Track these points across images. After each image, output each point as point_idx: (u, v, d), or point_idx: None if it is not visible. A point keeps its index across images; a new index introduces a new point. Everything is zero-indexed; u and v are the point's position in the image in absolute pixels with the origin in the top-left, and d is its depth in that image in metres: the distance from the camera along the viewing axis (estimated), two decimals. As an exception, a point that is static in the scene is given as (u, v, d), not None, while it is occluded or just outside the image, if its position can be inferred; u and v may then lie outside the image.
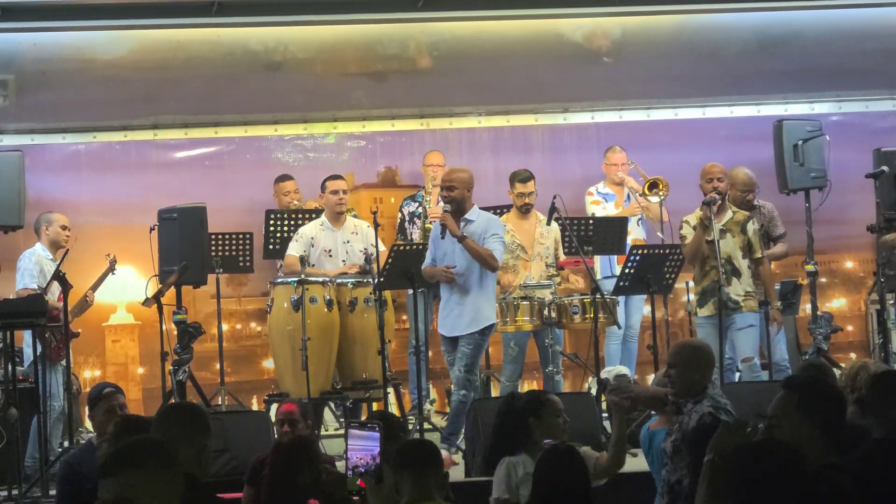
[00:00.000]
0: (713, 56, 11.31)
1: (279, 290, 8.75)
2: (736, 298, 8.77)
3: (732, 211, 8.96)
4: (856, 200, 10.56)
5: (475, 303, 8.31)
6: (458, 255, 8.30)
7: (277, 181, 10.39)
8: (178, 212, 8.70)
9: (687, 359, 5.59)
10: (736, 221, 8.92)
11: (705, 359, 5.64)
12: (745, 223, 8.93)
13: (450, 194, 8.36)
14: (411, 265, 8.42)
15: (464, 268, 8.27)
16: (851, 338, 11.55)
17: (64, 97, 10.82)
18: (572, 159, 11.51)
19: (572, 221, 9.37)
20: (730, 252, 8.83)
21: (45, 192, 10.61)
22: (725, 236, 8.82)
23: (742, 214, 8.97)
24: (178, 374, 8.40)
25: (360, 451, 3.87)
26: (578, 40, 11.28)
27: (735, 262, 8.85)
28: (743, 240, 8.89)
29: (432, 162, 10.26)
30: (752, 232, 8.93)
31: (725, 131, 11.67)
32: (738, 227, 8.90)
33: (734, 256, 8.85)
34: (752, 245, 8.92)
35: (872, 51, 11.27)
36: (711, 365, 5.66)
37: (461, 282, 8.28)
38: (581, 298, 8.92)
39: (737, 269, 8.84)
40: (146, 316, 9.74)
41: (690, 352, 5.66)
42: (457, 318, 8.31)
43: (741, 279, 8.83)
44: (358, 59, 11.24)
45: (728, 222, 8.89)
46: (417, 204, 10.11)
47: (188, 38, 10.81)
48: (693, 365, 5.56)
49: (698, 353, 5.66)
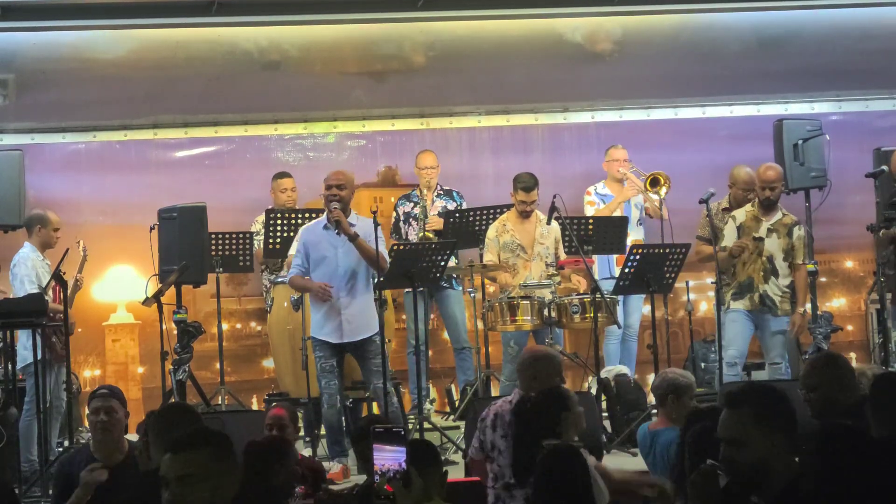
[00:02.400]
0: (713, 56, 11.30)
1: (279, 289, 8.74)
2: (773, 297, 8.94)
3: (782, 213, 9.11)
4: (856, 200, 10.56)
5: (367, 307, 8.24)
6: (342, 258, 8.20)
7: (275, 178, 10.37)
8: (178, 211, 8.70)
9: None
10: (784, 224, 9.10)
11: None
12: (792, 227, 9.09)
13: (340, 193, 8.23)
14: (411, 265, 8.40)
15: (348, 270, 8.19)
16: (851, 337, 11.56)
17: (64, 97, 10.81)
18: (572, 159, 11.52)
19: (572, 221, 9.37)
20: (773, 251, 9.00)
21: (45, 192, 10.61)
22: (772, 235, 9.02)
23: (790, 218, 9.16)
24: (178, 373, 8.40)
25: (387, 456, 3.88)
26: (578, 40, 11.28)
27: (776, 262, 9.02)
28: (787, 243, 9.01)
29: (426, 164, 10.19)
30: (796, 237, 9.07)
31: (725, 131, 11.68)
32: (785, 230, 9.05)
33: (776, 256, 9.03)
34: (795, 250, 9.04)
35: (872, 51, 11.27)
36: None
37: (347, 286, 8.16)
38: (581, 298, 8.92)
39: (776, 269, 9.03)
40: (146, 315, 9.74)
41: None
42: (346, 325, 8.15)
43: (779, 279, 9.00)
44: (357, 59, 11.23)
45: (776, 223, 9.03)
46: (413, 204, 10.09)
47: (188, 37, 10.79)
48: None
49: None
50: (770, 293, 8.97)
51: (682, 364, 9.69)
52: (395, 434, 3.90)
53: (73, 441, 8.47)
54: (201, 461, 3.66)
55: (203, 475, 3.64)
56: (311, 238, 8.26)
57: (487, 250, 9.30)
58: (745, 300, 8.99)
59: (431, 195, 10.14)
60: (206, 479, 3.64)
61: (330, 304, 8.08)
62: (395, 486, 3.85)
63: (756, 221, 9.05)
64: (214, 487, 3.66)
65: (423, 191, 10.14)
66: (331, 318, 8.11)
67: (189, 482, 3.63)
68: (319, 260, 8.20)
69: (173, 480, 3.65)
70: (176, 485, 3.64)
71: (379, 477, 3.89)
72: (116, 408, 5.71)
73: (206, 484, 3.64)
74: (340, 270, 8.19)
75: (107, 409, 5.69)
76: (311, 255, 8.22)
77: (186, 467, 3.64)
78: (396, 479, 3.85)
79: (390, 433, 3.92)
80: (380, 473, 3.89)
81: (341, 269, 8.20)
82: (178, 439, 3.74)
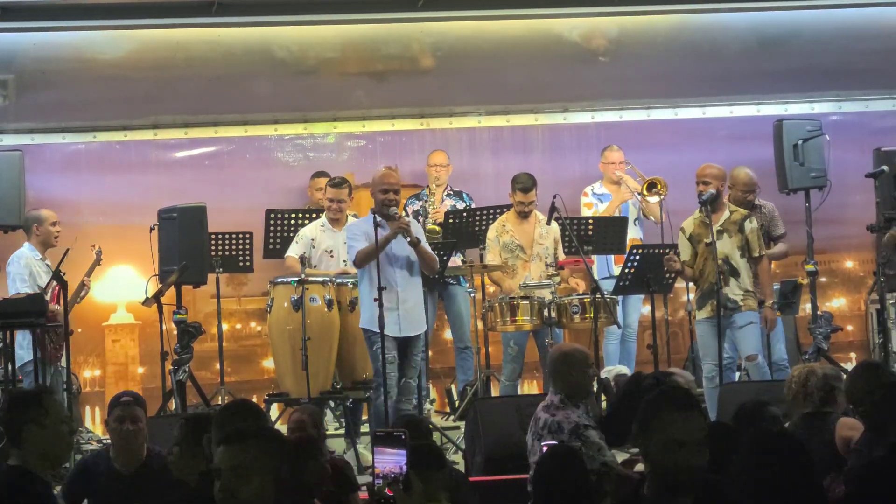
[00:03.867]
0: (713, 56, 11.30)
1: (279, 289, 8.75)
2: (734, 298, 8.66)
3: (730, 210, 8.87)
4: (856, 200, 10.56)
5: (420, 303, 8.35)
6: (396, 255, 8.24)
7: (313, 176, 10.44)
8: (178, 211, 8.70)
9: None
10: (733, 221, 8.83)
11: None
12: (743, 222, 8.82)
13: (396, 197, 8.34)
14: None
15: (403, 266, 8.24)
16: (851, 337, 11.56)
17: (64, 97, 10.82)
18: (572, 159, 11.52)
19: (572, 221, 9.37)
20: (727, 252, 8.71)
21: (45, 192, 10.61)
22: (723, 236, 8.74)
23: (739, 213, 8.86)
24: (178, 373, 8.41)
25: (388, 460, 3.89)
26: (578, 40, 11.28)
27: (733, 262, 8.72)
28: (740, 239, 8.79)
29: (436, 162, 10.27)
30: (749, 230, 8.81)
31: (725, 131, 11.68)
32: (736, 227, 8.81)
33: (731, 256, 8.73)
34: (749, 244, 8.84)
35: (872, 51, 11.27)
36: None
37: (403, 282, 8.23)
38: (581, 298, 8.92)
39: (735, 269, 8.72)
40: (146, 316, 9.74)
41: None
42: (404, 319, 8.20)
43: (739, 279, 8.71)
44: (358, 59, 11.24)
45: (725, 222, 8.81)
46: (422, 202, 10.12)
47: (188, 38, 10.80)
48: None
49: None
50: (731, 295, 8.64)
51: (681, 364, 9.70)
52: (396, 438, 3.90)
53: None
54: (253, 453, 3.70)
55: (255, 468, 3.68)
56: (368, 231, 8.22)
57: (489, 251, 9.30)
58: (708, 307, 8.69)
59: (441, 193, 10.16)
60: (257, 472, 3.68)
61: (388, 299, 8.11)
62: (396, 490, 3.86)
63: (704, 227, 8.73)
64: (264, 481, 3.69)
65: (431, 188, 10.15)
66: (389, 312, 8.12)
67: (241, 473, 3.67)
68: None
69: (226, 471, 3.69)
70: (228, 475, 3.68)
71: (381, 481, 3.90)
72: (140, 416, 5.71)
73: (257, 476, 3.68)
74: (395, 267, 8.22)
75: (132, 418, 5.69)
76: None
77: (239, 458, 3.69)
78: (397, 482, 3.86)
79: (391, 437, 3.92)
80: (381, 477, 3.90)
81: (396, 265, 8.23)
82: (231, 432, 3.80)
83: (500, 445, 7.51)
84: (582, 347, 6.66)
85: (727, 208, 8.86)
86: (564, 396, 6.24)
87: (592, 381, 6.42)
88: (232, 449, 3.71)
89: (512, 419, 7.63)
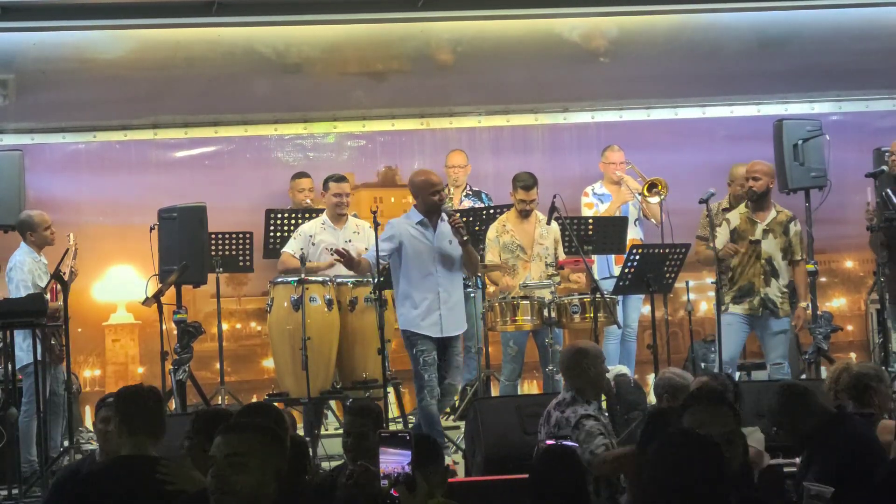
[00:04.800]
0: (713, 56, 11.30)
1: (279, 289, 8.75)
2: (774, 300, 8.85)
3: (777, 211, 8.98)
4: (856, 200, 10.55)
5: (461, 303, 8.36)
6: (438, 254, 8.22)
7: (294, 177, 10.44)
8: (178, 211, 8.70)
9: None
10: (779, 222, 8.95)
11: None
12: (788, 224, 8.96)
13: (445, 195, 8.40)
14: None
15: (445, 266, 8.22)
16: (851, 337, 11.56)
17: (64, 97, 10.82)
18: (572, 159, 11.52)
19: (572, 221, 9.37)
20: (771, 252, 8.88)
21: (45, 192, 10.62)
22: (768, 236, 8.87)
23: (785, 215, 8.99)
24: (178, 373, 8.41)
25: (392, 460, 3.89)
26: (578, 40, 11.28)
27: (775, 263, 8.90)
28: (784, 241, 8.91)
29: (454, 163, 10.30)
30: (793, 233, 8.97)
31: (725, 131, 11.68)
32: (781, 228, 8.94)
33: (774, 257, 8.90)
34: (792, 246, 8.96)
35: (872, 51, 11.27)
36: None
37: (445, 282, 8.22)
38: (581, 298, 8.92)
39: (776, 270, 8.90)
40: (146, 315, 9.74)
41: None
42: (445, 320, 8.20)
43: (779, 280, 8.89)
44: (358, 59, 11.24)
45: (771, 222, 8.92)
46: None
47: (188, 37, 10.80)
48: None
49: None
50: (771, 296, 8.87)
51: (682, 364, 9.69)
52: (401, 439, 3.90)
53: (73, 441, 8.46)
54: (250, 443, 3.72)
55: (250, 458, 3.70)
56: (408, 232, 8.21)
57: (488, 251, 9.30)
58: (745, 304, 8.86)
59: (459, 194, 10.17)
60: (252, 463, 3.69)
61: (430, 299, 8.13)
62: (400, 491, 3.86)
63: (751, 224, 8.92)
64: (261, 474, 3.70)
65: (450, 189, 10.16)
66: (431, 312, 8.14)
67: (235, 462, 3.69)
68: (415, 255, 8.19)
69: (220, 460, 3.71)
70: (222, 463, 3.70)
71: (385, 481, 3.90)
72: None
73: (252, 467, 3.69)
74: (437, 266, 8.20)
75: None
76: (408, 250, 8.19)
77: (234, 447, 3.71)
78: (401, 482, 3.86)
79: (396, 437, 3.92)
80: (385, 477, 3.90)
81: (437, 264, 8.21)
82: (231, 423, 3.84)
83: (500, 445, 7.51)
84: (595, 344, 6.70)
85: (774, 208, 8.95)
86: (576, 393, 6.26)
87: (607, 379, 6.45)
88: (229, 437, 3.73)
89: (512, 419, 7.64)
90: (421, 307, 8.15)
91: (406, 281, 8.20)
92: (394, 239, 8.19)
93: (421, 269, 8.18)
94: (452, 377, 8.26)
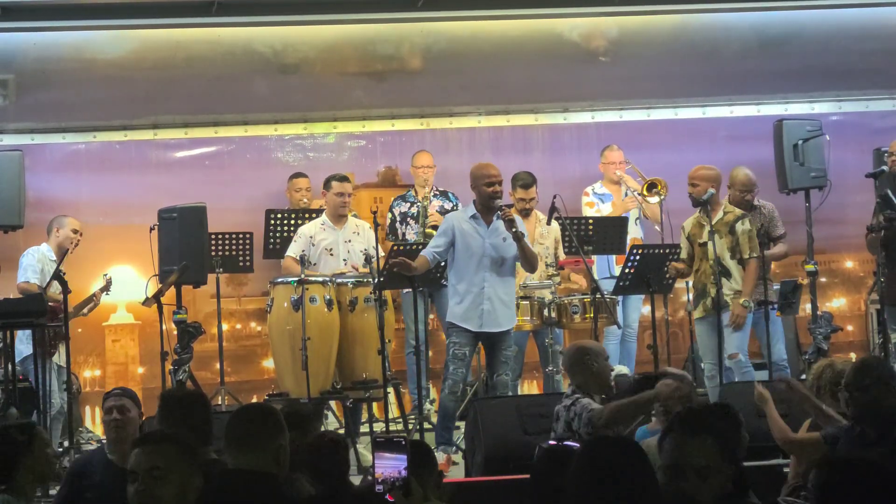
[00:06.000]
0: (713, 56, 11.31)
1: (279, 289, 8.75)
2: (725, 298, 8.76)
3: (724, 212, 8.92)
4: (856, 200, 10.55)
5: (509, 300, 8.33)
6: (489, 249, 8.24)
7: (292, 178, 10.44)
8: (178, 212, 8.70)
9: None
10: (725, 222, 8.89)
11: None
12: (734, 223, 8.89)
13: (501, 188, 8.37)
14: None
15: (495, 261, 8.22)
16: (851, 338, 11.55)
17: (64, 97, 10.82)
18: (572, 159, 11.52)
19: (572, 221, 9.37)
20: (719, 252, 8.79)
21: (45, 192, 10.62)
22: (714, 237, 8.80)
23: (732, 215, 8.91)
24: (178, 373, 8.40)
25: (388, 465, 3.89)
26: (578, 40, 11.28)
27: (724, 263, 8.81)
28: (731, 240, 8.86)
29: (423, 163, 10.22)
30: (740, 232, 8.86)
31: (725, 131, 11.68)
32: (727, 228, 8.88)
33: (723, 257, 8.82)
34: (739, 245, 8.87)
35: (872, 51, 11.28)
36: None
37: (492, 277, 8.21)
38: (581, 298, 8.92)
39: (726, 270, 8.81)
40: (146, 316, 9.74)
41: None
42: (487, 315, 8.19)
43: (731, 279, 8.81)
44: (358, 59, 11.24)
45: (717, 223, 8.87)
46: (409, 204, 10.08)
47: (188, 37, 10.81)
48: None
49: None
50: (722, 296, 8.75)
51: (681, 364, 9.69)
52: (396, 443, 3.90)
53: (72, 441, 8.46)
54: (169, 456, 3.80)
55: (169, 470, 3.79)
56: (461, 226, 8.26)
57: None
58: (700, 307, 8.80)
59: (427, 194, 10.14)
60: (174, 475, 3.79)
61: (474, 293, 8.15)
62: (396, 496, 3.86)
63: (699, 227, 8.85)
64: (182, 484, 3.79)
65: (418, 190, 10.15)
66: (474, 306, 8.17)
67: (158, 475, 3.77)
68: (465, 249, 8.22)
69: (143, 473, 3.78)
70: (145, 477, 3.77)
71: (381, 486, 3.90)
72: (129, 406, 5.80)
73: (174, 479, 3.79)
74: (486, 261, 8.21)
75: (119, 408, 5.77)
76: (458, 243, 8.23)
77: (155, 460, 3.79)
78: (397, 487, 3.86)
79: (391, 442, 3.92)
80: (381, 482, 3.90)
81: (487, 259, 8.21)
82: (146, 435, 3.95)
83: (500, 445, 7.51)
84: (597, 342, 6.75)
85: (721, 209, 8.90)
86: (577, 388, 6.34)
87: (611, 375, 6.49)
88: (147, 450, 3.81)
89: (512, 419, 7.64)
90: (465, 301, 8.20)
91: (455, 274, 8.27)
92: (447, 233, 8.26)
93: (470, 263, 8.22)
94: (501, 371, 8.26)
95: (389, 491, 3.86)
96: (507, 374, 8.26)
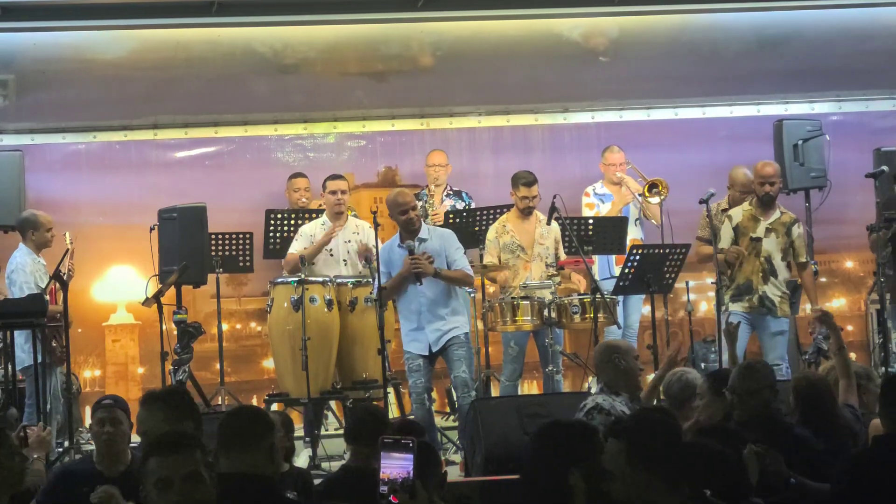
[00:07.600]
0: (713, 56, 11.30)
1: (279, 289, 8.75)
2: (772, 298, 8.84)
3: (780, 211, 8.98)
4: (856, 200, 10.55)
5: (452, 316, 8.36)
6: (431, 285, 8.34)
7: (291, 178, 10.44)
8: (178, 212, 8.70)
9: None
10: (782, 222, 8.95)
11: None
12: (791, 225, 8.95)
13: (416, 213, 8.39)
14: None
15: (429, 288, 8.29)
16: (851, 338, 11.53)
17: (64, 97, 10.82)
18: (572, 159, 11.52)
19: (572, 221, 9.37)
20: (771, 251, 8.87)
21: (45, 192, 10.62)
22: (770, 235, 8.86)
23: (789, 216, 8.99)
24: (178, 373, 8.41)
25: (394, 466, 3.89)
26: (578, 40, 11.28)
27: (774, 262, 8.89)
28: (786, 241, 8.91)
29: (435, 162, 10.27)
30: (796, 235, 8.95)
31: (725, 131, 11.68)
32: (784, 229, 8.93)
33: (773, 256, 8.90)
34: (795, 248, 8.94)
35: (872, 51, 11.27)
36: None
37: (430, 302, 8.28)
38: (581, 298, 8.92)
39: (774, 269, 8.89)
40: (146, 316, 9.74)
41: None
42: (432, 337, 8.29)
43: (777, 279, 8.88)
44: (358, 59, 11.24)
45: (775, 222, 8.91)
46: (421, 203, 10.10)
47: (188, 38, 10.80)
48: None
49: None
50: (769, 294, 8.87)
51: (681, 364, 9.68)
52: (404, 444, 3.90)
53: (72, 441, 8.46)
54: (199, 459, 3.75)
55: (202, 472, 3.73)
56: (390, 257, 8.34)
57: (487, 252, 9.29)
58: (744, 302, 8.89)
59: (440, 193, 10.16)
60: (204, 475, 3.73)
61: (413, 319, 8.30)
62: (401, 498, 3.85)
63: (754, 221, 8.94)
64: (209, 485, 3.75)
65: (430, 189, 10.15)
66: (418, 331, 8.32)
67: (194, 480, 3.70)
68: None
69: (180, 480, 3.70)
70: (183, 484, 3.70)
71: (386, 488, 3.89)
72: (121, 419, 5.62)
73: (206, 480, 3.73)
74: (418, 285, 8.26)
75: (112, 421, 5.60)
76: (393, 273, 8.31)
77: (190, 465, 3.71)
78: (402, 489, 3.85)
79: (398, 443, 3.91)
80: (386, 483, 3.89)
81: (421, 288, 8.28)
82: (166, 441, 3.81)
83: (500, 445, 7.50)
84: (627, 341, 6.79)
85: (778, 209, 8.94)
86: (605, 385, 6.38)
87: (640, 373, 6.51)
88: (180, 457, 3.74)
89: (512, 419, 7.64)
90: (410, 324, 8.36)
91: (399, 300, 8.39)
92: (385, 265, 8.32)
93: (405, 288, 8.31)
94: (456, 370, 8.30)
95: (394, 492, 3.86)
96: (465, 372, 8.28)
